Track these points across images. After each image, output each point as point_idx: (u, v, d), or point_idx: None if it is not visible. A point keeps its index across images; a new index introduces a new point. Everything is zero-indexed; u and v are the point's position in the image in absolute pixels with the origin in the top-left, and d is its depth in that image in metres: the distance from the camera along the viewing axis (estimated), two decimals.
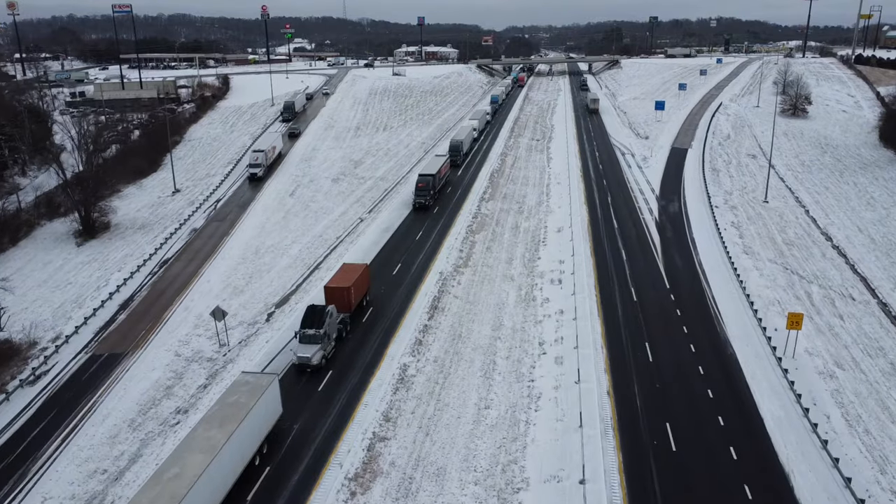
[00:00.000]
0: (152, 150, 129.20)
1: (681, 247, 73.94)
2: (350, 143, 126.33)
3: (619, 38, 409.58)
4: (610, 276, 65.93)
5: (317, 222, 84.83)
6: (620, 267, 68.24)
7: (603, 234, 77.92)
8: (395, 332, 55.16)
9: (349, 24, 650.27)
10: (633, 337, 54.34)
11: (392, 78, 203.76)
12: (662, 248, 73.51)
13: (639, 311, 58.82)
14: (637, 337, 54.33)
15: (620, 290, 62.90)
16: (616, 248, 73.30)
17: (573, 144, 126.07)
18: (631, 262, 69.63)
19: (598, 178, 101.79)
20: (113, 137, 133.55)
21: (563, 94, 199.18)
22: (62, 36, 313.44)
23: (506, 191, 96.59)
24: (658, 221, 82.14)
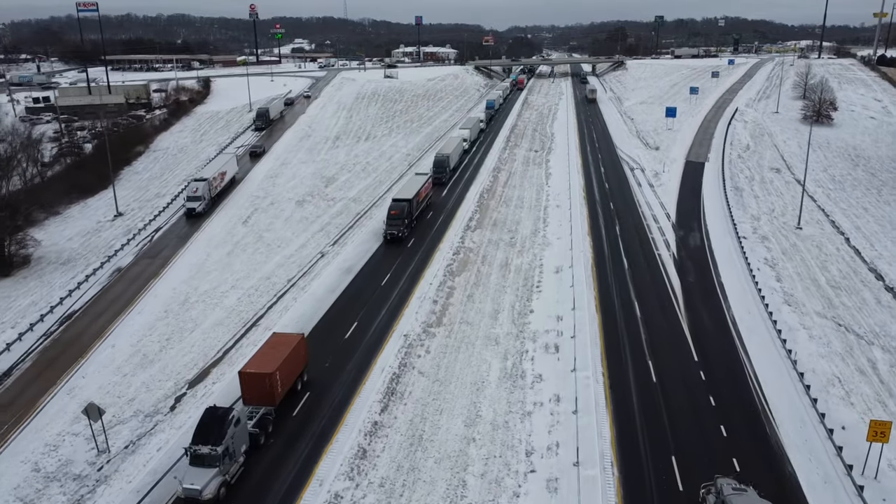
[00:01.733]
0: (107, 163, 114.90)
1: (707, 296, 58.96)
2: (325, 157, 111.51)
3: (624, 38, 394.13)
4: (620, 342, 51.00)
5: (268, 259, 70.09)
6: (634, 327, 53.30)
7: (611, 277, 62.95)
8: (332, 435, 40.27)
9: (350, 25, 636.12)
10: (656, 447, 39.36)
11: (383, 81, 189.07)
12: (685, 298, 58.48)
13: (660, 399, 43.86)
14: (660, 447, 39.35)
15: (635, 364, 47.94)
16: (627, 299, 58.34)
17: (575, 156, 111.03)
18: (647, 319, 54.67)
19: (603, 200, 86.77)
20: (67, 148, 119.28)
21: (565, 97, 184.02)
22: (44, 37, 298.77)
23: (496, 216, 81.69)
24: (677, 259, 67.17)
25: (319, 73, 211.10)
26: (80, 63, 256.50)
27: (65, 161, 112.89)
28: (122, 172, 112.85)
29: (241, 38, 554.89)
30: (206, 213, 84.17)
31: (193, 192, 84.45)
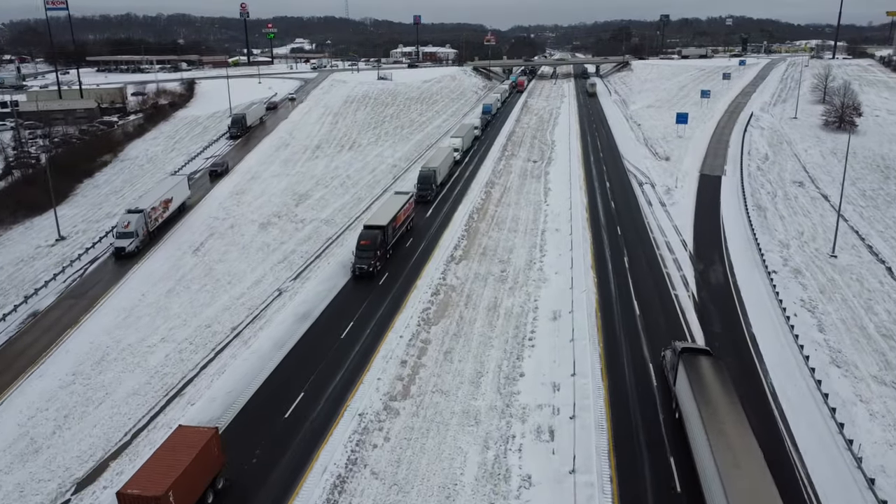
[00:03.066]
0: (66, 175, 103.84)
1: (739, 357, 47.50)
2: (301, 169, 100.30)
3: (628, 38, 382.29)
4: (633, 428, 39.56)
5: (213, 299, 58.96)
6: (650, 406, 41.88)
7: (619, 328, 51.57)
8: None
9: (351, 24, 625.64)
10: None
11: (376, 83, 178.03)
12: None
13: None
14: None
15: (654, 464, 36.56)
16: (640, 361, 46.87)
17: (577, 169, 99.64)
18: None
19: (609, 224, 75.37)
20: (20, 160, 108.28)
21: (568, 100, 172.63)
22: (30, 37, 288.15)
23: (486, 242, 70.43)
24: (697, 302, 55.79)
25: (310, 74, 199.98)
26: (65, 65, 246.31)
27: (13, 175, 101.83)
28: (79, 186, 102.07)
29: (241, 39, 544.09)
30: (141, 252, 69.37)
31: (124, 228, 68.85)
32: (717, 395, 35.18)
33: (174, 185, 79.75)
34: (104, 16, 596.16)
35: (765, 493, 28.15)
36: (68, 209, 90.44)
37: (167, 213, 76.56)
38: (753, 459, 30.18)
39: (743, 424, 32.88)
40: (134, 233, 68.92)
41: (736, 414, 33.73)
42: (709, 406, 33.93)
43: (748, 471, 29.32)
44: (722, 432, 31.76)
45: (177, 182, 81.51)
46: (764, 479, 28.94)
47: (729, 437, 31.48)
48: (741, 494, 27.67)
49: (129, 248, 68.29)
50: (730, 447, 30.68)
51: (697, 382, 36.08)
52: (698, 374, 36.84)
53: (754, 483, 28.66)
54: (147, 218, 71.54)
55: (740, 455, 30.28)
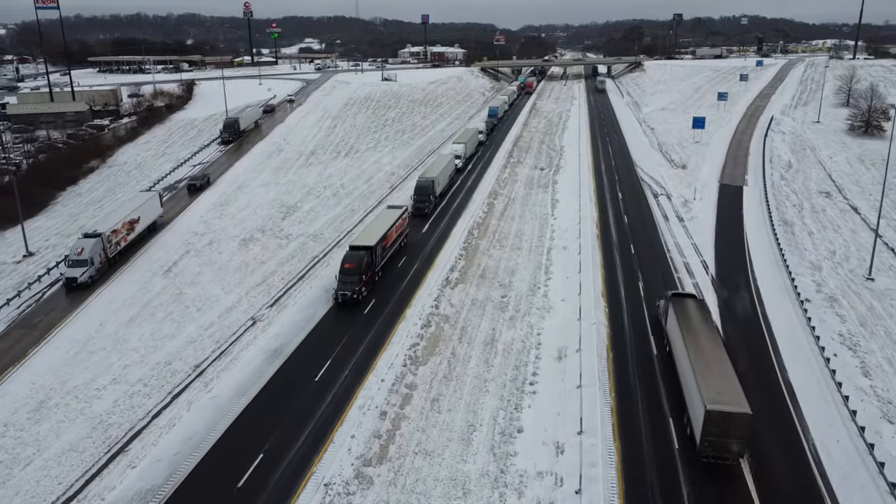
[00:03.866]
0: (47, 183, 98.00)
1: (773, 409, 40.49)
2: (292, 177, 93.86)
3: (640, 38, 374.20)
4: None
5: (179, 329, 52.55)
6: (670, 478, 35.02)
7: (634, 372, 44.65)
8: None
9: (361, 24, 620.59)
10: None
11: (380, 84, 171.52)
12: None
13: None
14: None
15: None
16: (658, 413, 40.03)
17: (587, 177, 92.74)
18: (690, 454, 36.48)
19: (622, 241, 68.42)
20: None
21: (578, 102, 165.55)
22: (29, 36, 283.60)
23: (486, 262, 63.70)
24: (722, 338, 48.71)
25: (312, 75, 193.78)
26: (65, 65, 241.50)
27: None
28: (61, 195, 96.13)
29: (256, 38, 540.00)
30: (99, 280, 60.59)
31: (77, 255, 59.35)
32: (698, 323, 42.69)
33: (142, 204, 71.03)
34: (114, 15, 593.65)
35: (730, 388, 35.35)
36: (44, 220, 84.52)
37: (132, 235, 67.94)
38: (723, 366, 37.59)
39: (717, 344, 40.48)
40: (88, 260, 59.71)
41: (712, 337, 41.38)
42: (690, 331, 41.48)
43: (718, 373, 36.72)
44: (699, 349, 39.30)
45: (145, 199, 72.54)
46: (730, 380, 36.27)
47: (704, 352, 38.87)
48: (710, 387, 35.05)
49: (82, 279, 59.04)
50: (704, 359, 38.11)
51: (683, 316, 43.62)
52: (684, 311, 44.41)
53: (721, 381, 35.94)
54: (106, 243, 62.35)
55: (712, 364, 37.65)
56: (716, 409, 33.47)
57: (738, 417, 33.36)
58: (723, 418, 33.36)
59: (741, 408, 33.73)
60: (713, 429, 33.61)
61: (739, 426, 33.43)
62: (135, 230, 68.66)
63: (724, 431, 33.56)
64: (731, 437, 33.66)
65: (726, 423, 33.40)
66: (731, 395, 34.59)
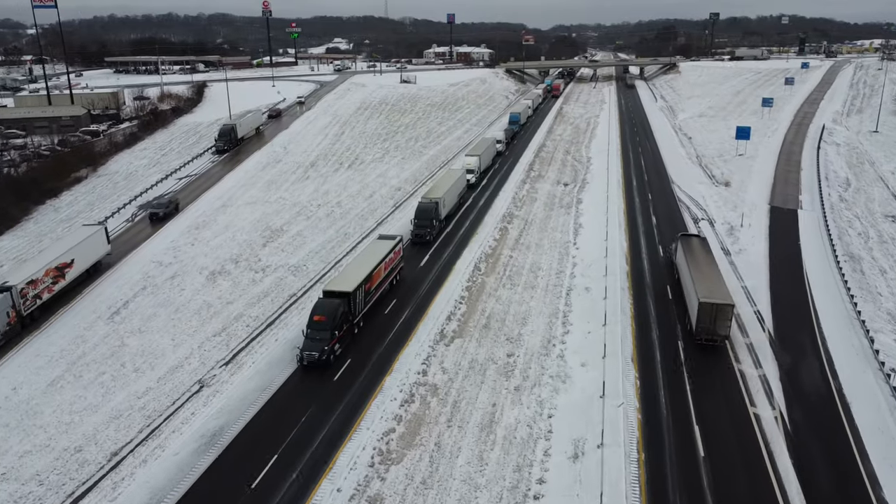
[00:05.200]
0: (26, 195, 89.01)
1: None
2: (284, 194, 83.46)
3: (674, 38, 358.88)
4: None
5: (107, 397, 42.28)
6: None
7: (674, 488, 33.19)
8: None
9: (390, 24, 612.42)
10: None
11: (397, 86, 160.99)
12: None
13: None
14: None
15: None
16: None
17: (617, 196, 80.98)
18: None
19: (656, 282, 56.56)
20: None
21: (608, 107, 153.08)
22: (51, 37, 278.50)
23: (492, 308, 52.53)
24: (790, 430, 37.03)
25: (328, 77, 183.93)
26: (84, 65, 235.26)
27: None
28: (38, 209, 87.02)
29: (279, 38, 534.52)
30: (31, 325, 50.41)
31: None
32: (698, 251, 51.92)
33: (78, 243, 57.38)
34: (146, 15, 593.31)
35: (719, 288, 45.40)
36: (8, 240, 75.30)
37: (62, 284, 54.83)
38: (715, 276, 47.71)
39: (711, 262, 50.39)
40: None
41: (708, 259, 50.78)
42: (692, 255, 50.59)
43: (710, 279, 46.64)
44: (698, 265, 48.80)
45: (85, 237, 58.74)
46: (719, 283, 46.52)
47: (701, 267, 48.50)
48: (703, 287, 44.79)
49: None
50: (700, 271, 47.83)
51: (688, 248, 52.09)
52: (689, 245, 53.11)
53: (712, 284, 45.88)
54: (17, 298, 48.96)
55: (706, 274, 47.52)
56: (707, 301, 43.01)
57: (724, 307, 43.01)
58: (712, 308, 42.89)
59: (727, 300, 43.54)
60: (704, 317, 43.18)
61: (725, 315, 43.06)
62: (66, 277, 55.44)
63: (712, 319, 43.13)
64: (718, 323, 43.23)
65: (714, 311, 42.93)
66: (719, 293, 44.39)
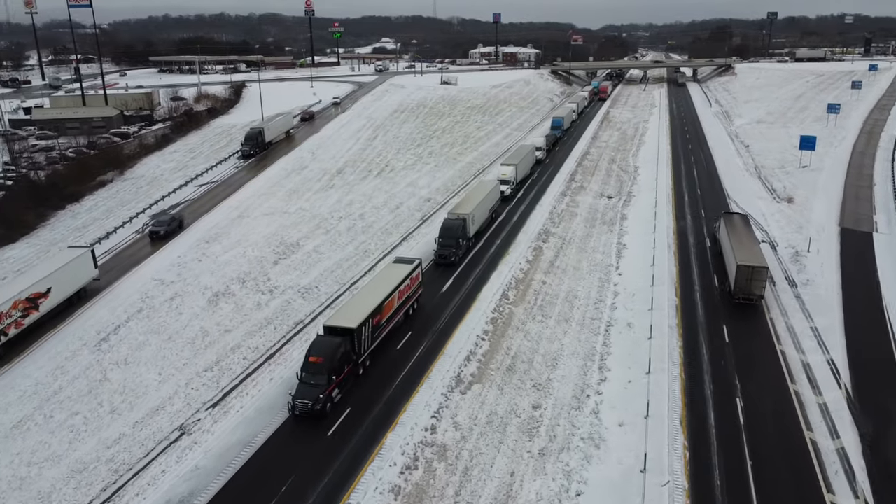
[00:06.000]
0: (45, 200, 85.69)
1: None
2: (306, 203, 77.99)
3: (729, 38, 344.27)
4: None
5: (73, 446, 37.10)
6: None
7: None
8: None
9: (438, 23, 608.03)
10: None
11: (437, 88, 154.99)
12: None
13: None
14: None
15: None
16: None
17: (666, 213, 73.23)
18: None
19: (711, 320, 48.88)
20: None
21: (658, 111, 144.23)
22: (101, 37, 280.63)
23: (519, 344, 45.87)
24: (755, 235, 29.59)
25: (367, 78, 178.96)
26: (130, 65, 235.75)
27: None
28: (57, 215, 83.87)
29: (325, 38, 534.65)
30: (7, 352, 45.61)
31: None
32: (739, 225, 58.09)
33: (59, 268, 51.25)
34: (199, 15, 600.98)
35: (755, 253, 51.18)
36: (20, 249, 71.75)
37: (33, 317, 48.53)
38: (752, 244, 53.62)
39: (750, 234, 56.56)
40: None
41: (747, 231, 56.97)
42: (733, 228, 56.70)
43: (748, 246, 52.46)
44: (737, 235, 54.89)
45: (66, 262, 52.40)
46: (756, 250, 52.31)
47: (740, 237, 54.63)
48: (741, 252, 50.61)
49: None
50: (739, 239, 53.80)
51: (730, 224, 58.07)
52: (732, 221, 58.94)
53: (749, 250, 51.64)
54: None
55: (744, 242, 53.45)
56: (744, 264, 48.83)
57: (759, 269, 48.85)
58: (748, 270, 48.68)
59: (762, 263, 49.46)
60: (742, 278, 48.81)
61: (760, 276, 48.81)
62: (39, 308, 49.11)
63: (748, 280, 48.78)
64: (754, 284, 48.85)
65: (750, 273, 48.65)
66: (755, 257, 50.23)
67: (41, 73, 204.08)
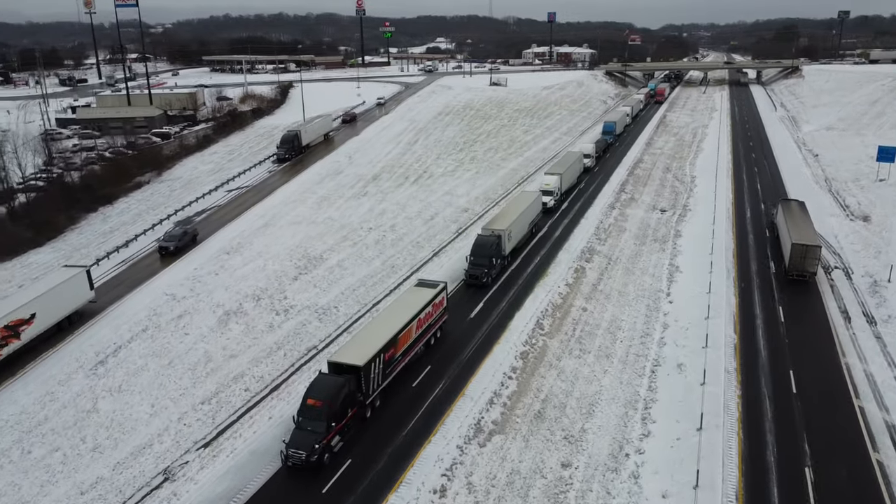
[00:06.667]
0: (77, 202, 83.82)
1: None
2: (336, 212, 73.66)
3: (795, 38, 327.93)
4: None
5: (44, 489, 33.31)
6: None
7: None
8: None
9: (493, 23, 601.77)
10: None
11: (485, 90, 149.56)
12: None
13: None
14: None
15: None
16: None
17: (725, 230, 66.33)
18: None
19: (775, 364, 42.34)
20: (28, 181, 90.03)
21: (719, 116, 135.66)
22: (157, 36, 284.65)
23: (551, 385, 40.30)
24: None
25: (416, 78, 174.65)
26: (185, 64, 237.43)
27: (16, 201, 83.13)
28: (88, 217, 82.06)
29: (381, 37, 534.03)
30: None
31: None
32: (796, 210, 61.01)
33: (47, 291, 46.66)
34: (258, 15, 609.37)
35: (809, 234, 54.87)
36: (45, 254, 69.60)
37: (15, 345, 43.94)
38: (807, 225, 57.16)
39: (806, 220, 58.84)
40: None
41: (803, 215, 59.91)
42: (790, 213, 59.94)
43: (803, 228, 56.02)
44: (794, 218, 58.45)
45: (55, 284, 47.76)
46: (810, 231, 56.02)
47: (796, 219, 58.16)
48: (796, 232, 54.24)
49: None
50: (795, 222, 57.25)
51: (787, 209, 61.09)
52: (789, 207, 62.08)
53: (804, 230, 55.29)
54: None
55: (800, 224, 57.03)
56: (798, 242, 52.69)
57: (812, 248, 52.46)
58: (803, 248, 52.48)
59: (815, 242, 53.28)
60: (796, 255, 52.69)
61: (813, 255, 52.29)
62: (21, 336, 44.22)
63: (802, 257, 52.52)
64: (808, 261, 52.48)
65: (804, 251, 52.40)
66: (809, 237, 54.09)
67: (97, 71, 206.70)
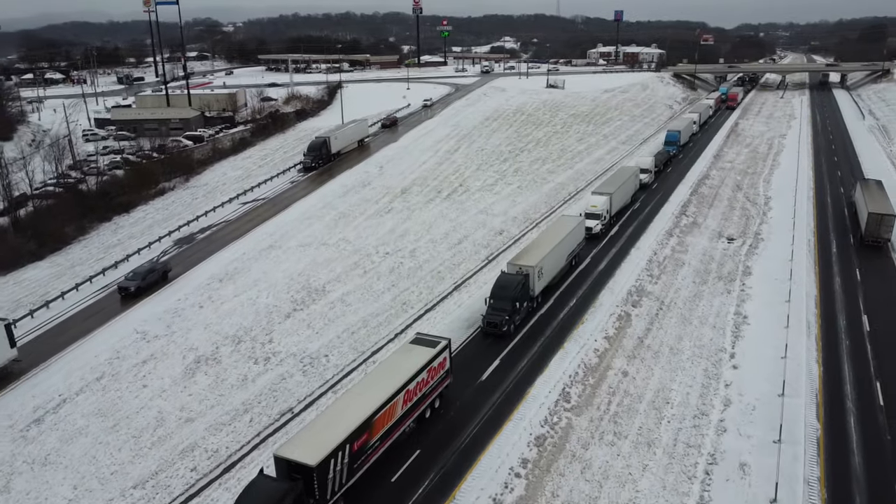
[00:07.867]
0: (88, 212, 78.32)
1: None
2: (351, 233, 65.23)
3: (883, 38, 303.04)
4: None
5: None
6: None
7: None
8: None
9: (561, 22, 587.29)
10: None
11: (540, 92, 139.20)
12: None
13: None
14: None
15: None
16: None
17: (807, 266, 54.86)
18: None
19: (871, 470, 31.68)
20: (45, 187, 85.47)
21: (799, 123, 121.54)
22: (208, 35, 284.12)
23: (570, 489, 30.69)
24: None
25: (468, 79, 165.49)
26: (243, 62, 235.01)
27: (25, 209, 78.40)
28: (99, 227, 76.75)
29: (449, 38, 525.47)
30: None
31: None
32: (873, 186, 65.50)
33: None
34: (326, 14, 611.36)
35: (884, 204, 59.84)
36: (42, 269, 64.21)
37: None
38: (883, 197, 61.64)
39: (882, 193, 63.05)
40: None
41: (879, 190, 64.29)
42: (868, 189, 64.33)
43: (879, 199, 60.94)
44: (871, 192, 62.93)
45: None
46: (886, 201, 60.48)
47: (873, 193, 62.72)
48: (872, 202, 59.68)
49: None
50: (871, 195, 61.92)
51: (866, 187, 65.45)
52: (867, 185, 66.30)
53: (880, 201, 60.33)
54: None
55: (876, 196, 61.78)
56: (874, 212, 57.71)
57: (887, 217, 57.34)
58: (878, 217, 57.44)
59: (890, 211, 57.88)
60: (872, 223, 57.61)
61: (887, 223, 57.25)
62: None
63: (878, 225, 57.48)
64: (882, 228, 57.37)
65: (880, 219, 57.37)
66: (884, 206, 58.87)
67: (155, 70, 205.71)
